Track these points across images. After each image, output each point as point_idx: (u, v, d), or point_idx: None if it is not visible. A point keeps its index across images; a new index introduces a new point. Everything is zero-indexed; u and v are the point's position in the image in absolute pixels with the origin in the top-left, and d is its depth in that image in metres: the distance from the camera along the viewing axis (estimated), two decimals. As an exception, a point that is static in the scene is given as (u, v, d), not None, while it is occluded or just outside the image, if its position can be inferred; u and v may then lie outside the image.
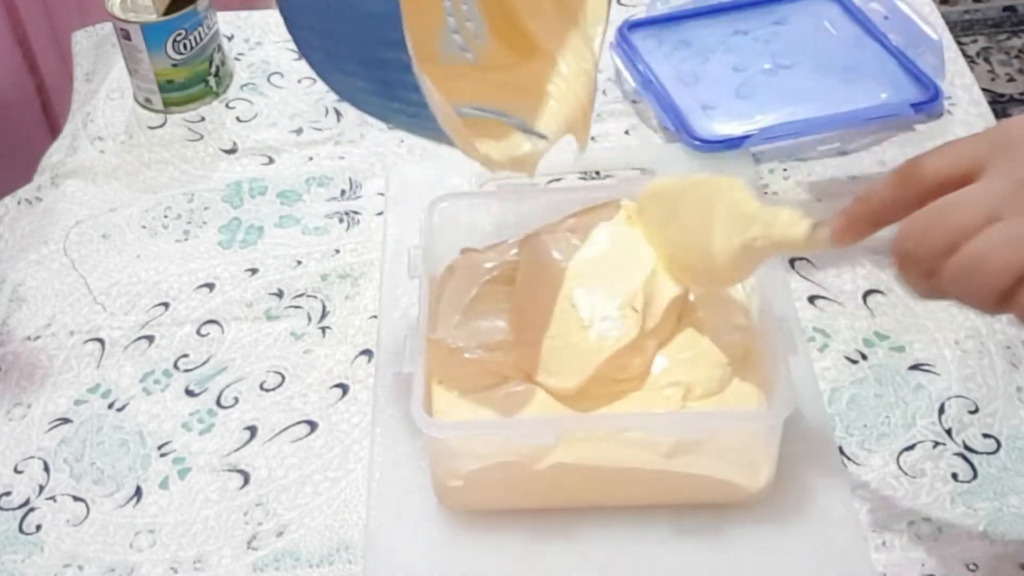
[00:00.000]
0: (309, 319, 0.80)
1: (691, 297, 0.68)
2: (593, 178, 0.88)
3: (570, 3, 0.69)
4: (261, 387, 0.76)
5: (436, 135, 0.59)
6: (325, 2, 0.56)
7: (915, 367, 0.73)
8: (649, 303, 0.66)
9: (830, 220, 0.55)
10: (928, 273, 0.48)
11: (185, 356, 0.78)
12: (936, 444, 0.69)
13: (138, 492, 0.71)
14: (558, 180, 0.87)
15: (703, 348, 0.66)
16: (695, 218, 0.65)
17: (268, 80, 1.00)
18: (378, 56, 0.55)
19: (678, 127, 0.88)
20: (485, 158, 0.62)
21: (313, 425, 0.73)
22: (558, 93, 0.68)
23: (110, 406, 0.75)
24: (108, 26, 1.00)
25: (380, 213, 0.87)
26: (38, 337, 0.80)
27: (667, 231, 0.68)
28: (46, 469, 0.72)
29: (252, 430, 0.73)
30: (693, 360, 0.66)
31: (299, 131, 0.95)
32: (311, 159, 0.92)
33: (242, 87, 1.00)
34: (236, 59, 1.02)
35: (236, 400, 0.75)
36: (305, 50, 0.61)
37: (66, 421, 0.75)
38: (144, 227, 0.88)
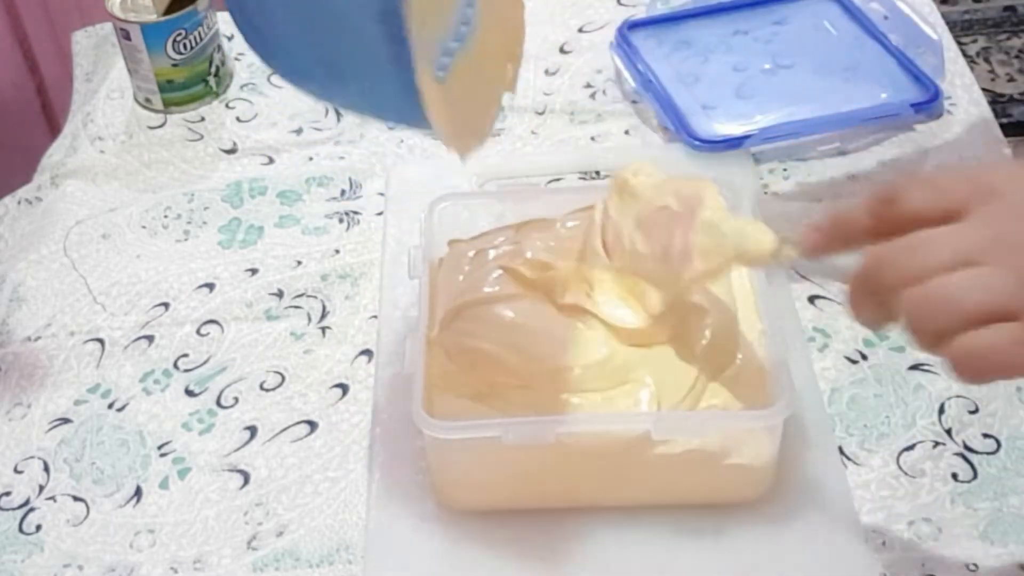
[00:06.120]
0: (309, 319, 0.80)
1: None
2: (593, 178, 0.88)
3: None
4: (261, 387, 0.76)
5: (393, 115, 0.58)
6: None
7: (915, 367, 0.73)
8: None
9: (795, 236, 0.57)
10: (885, 299, 0.49)
11: (185, 356, 0.78)
12: (936, 444, 0.69)
13: (138, 492, 0.71)
14: (558, 180, 0.87)
15: (741, 369, 0.66)
16: (663, 225, 0.65)
17: (268, 80, 1.00)
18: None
19: (678, 127, 0.88)
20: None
21: (313, 425, 0.73)
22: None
23: (110, 406, 0.75)
24: (108, 26, 1.00)
25: (380, 213, 0.87)
26: (38, 337, 0.80)
27: (632, 233, 0.67)
28: (46, 469, 0.72)
29: (252, 430, 0.73)
30: (731, 380, 0.65)
31: (299, 131, 0.95)
32: (311, 159, 0.92)
33: (242, 87, 1.00)
34: (236, 59, 1.02)
35: (236, 400, 0.75)
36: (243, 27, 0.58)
37: (66, 421, 0.75)
38: (144, 227, 0.88)
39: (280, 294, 0.81)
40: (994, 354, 0.46)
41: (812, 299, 0.78)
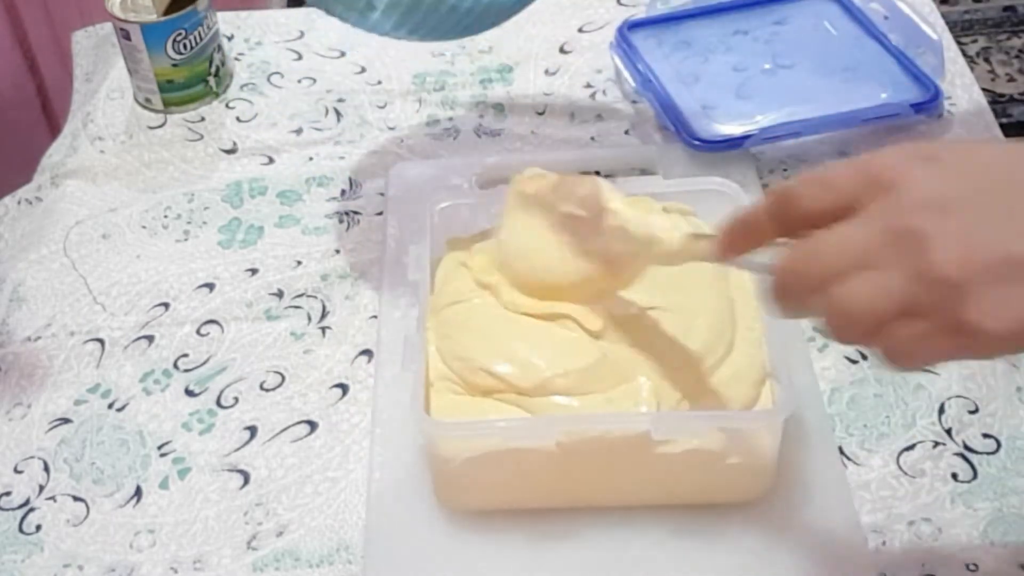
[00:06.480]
0: (309, 319, 0.80)
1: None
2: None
3: None
4: (261, 387, 0.76)
5: None
6: None
7: (915, 367, 0.73)
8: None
9: (708, 234, 0.58)
10: (802, 305, 0.51)
11: (185, 356, 0.78)
12: (936, 444, 0.69)
13: (138, 492, 0.71)
14: (558, 180, 0.87)
15: (739, 367, 0.66)
16: (574, 232, 0.66)
17: (268, 80, 1.00)
18: None
19: (678, 127, 0.88)
20: None
21: (313, 425, 0.73)
22: None
23: (110, 406, 0.75)
24: (108, 26, 1.00)
25: (380, 213, 0.87)
26: (38, 337, 0.80)
27: (532, 233, 0.68)
28: (46, 469, 0.72)
29: (252, 430, 0.73)
30: (730, 379, 0.65)
31: (299, 131, 0.95)
32: (311, 159, 0.92)
33: (242, 87, 1.00)
34: (236, 59, 1.02)
35: (236, 400, 0.75)
36: None
37: (66, 421, 0.75)
38: (144, 227, 0.88)
39: (280, 294, 0.81)
40: (909, 349, 0.48)
41: (812, 299, 0.78)
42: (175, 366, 0.77)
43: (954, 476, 0.68)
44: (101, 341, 0.79)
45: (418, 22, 0.69)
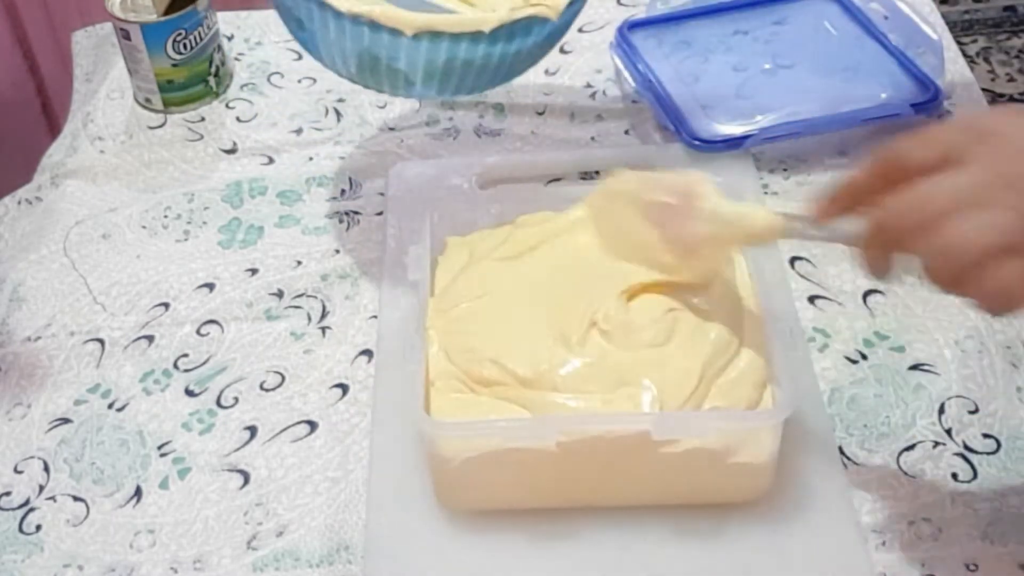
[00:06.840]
0: (309, 319, 0.80)
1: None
2: (593, 178, 0.88)
3: None
4: (261, 387, 0.76)
5: None
6: None
7: (915, 367, 0.73)
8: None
9: (796, 210, 0.60)
10: (898, 248, 0.52)
11: (185, 356, 0.78)
12: (936, 444, 0.69)
13: (138, 492, 0.71)
14: (558, 180, 0.87)
15: (743, 369, 0.66)
16: (666, 218, 0.67)
17: (268, 80, 1.00)
18: None
19: (678, 127, 0.88)
20: None
21: (313, 425, 0.73)
22: None
23: (110, 406, 0.75)
24: (108, 26, 1.00)
25: (380, 213, 0.87)
26: (38, 337, 0.80)
27: (627, 228, 0.69)
28: (46, 469, 0.72)
29: (252, 430, 0.73)
30: (734, 381, 0.65)
31: (299, 131, 0.95)
32: (311, 159, 0.92)
33: (242, 87, 1.00)
34: (236, 59, 1.02)
35: (236, 400, 0.75)
36: None
37: (66, 421, 0.75)
38: (144, 227, 0.88)
39: (280, 294, 0.81)
40: (1013, 288, 0.48)
41: (812, 299, 0.78)
42: (175, 366, 0.77)
43: (954, 476, 0.68)
44: (101, 341, 0.79)
45: (456, 85, 0.73)
